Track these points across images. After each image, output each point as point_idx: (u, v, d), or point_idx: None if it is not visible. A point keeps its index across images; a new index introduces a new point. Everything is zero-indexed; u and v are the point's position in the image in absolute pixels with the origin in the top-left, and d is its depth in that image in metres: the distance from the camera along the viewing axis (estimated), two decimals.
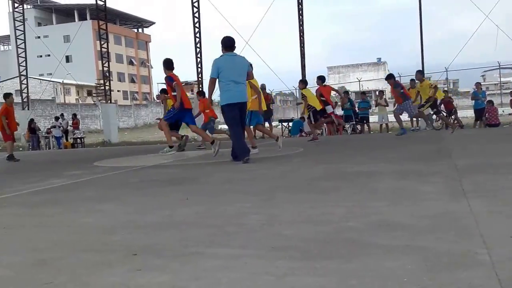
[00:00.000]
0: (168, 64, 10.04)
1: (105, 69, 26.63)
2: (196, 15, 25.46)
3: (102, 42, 25.77)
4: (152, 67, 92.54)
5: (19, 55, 27.18)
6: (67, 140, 25.15)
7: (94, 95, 64.21)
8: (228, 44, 7.80)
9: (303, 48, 27.48)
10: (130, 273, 2.35)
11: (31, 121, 25.17)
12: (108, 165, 9.15)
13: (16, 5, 27.31)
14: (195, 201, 4.39)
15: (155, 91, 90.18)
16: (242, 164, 7.43)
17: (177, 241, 2.93)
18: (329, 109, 13.19)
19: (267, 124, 16.78)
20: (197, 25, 25.42)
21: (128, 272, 2.36)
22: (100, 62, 29.00)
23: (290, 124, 21.86)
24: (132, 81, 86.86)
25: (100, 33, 25.82)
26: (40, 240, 3.21)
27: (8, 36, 76.40)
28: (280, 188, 4.95)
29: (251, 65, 8.77)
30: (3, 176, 8.66)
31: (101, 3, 25.59)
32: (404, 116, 15.08)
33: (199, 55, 25.54)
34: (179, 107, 9.61)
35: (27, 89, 28.06)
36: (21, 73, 27.53)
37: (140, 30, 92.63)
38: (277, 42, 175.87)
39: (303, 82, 13.64)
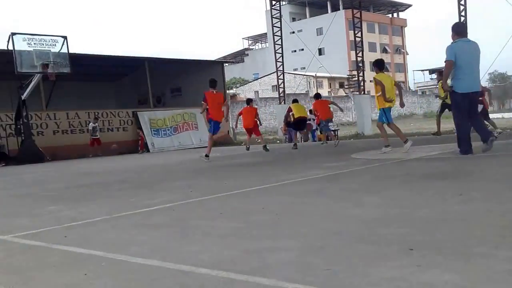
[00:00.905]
0: (210, 83, 12.07)
1: (359, 59, 26.98)
2: None
3: (356, 32, 26.14)
4: (407, 54, 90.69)
5: (276, 51, 29.29)
6: (321, 132, 26.35)
7: (346, 86, 66.00)
8: (460, 29, 7.94)
9: None
10: (409, 268, 2.33)
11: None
12: (366, 158, 9.29)
13: (273, 2, 29.50)
14: (471, 197, 4.15)
15: (411, 79, 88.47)
16: None
17: (457, 239, 2.81)
18: None
19: None
20: (462, 2, 23.57)
21: (406, 267, 2.34)
22: (352, 52, 29.58)
23: None
24: (386, 69, 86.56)
25: (354, 22, 26.24)
26: (312, 228, 3.43)
27: (265, 34, 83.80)
28: None
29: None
30: (267, 167, 9.51)
31: None
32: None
33: None
34: (210, 119, 11.61)
35: (283, 84, 30.12)
36: (278, 69, 29.63)
37: (395, 14, 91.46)
38: None
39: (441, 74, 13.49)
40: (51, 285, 2.57)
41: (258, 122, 15.29)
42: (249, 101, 15.92)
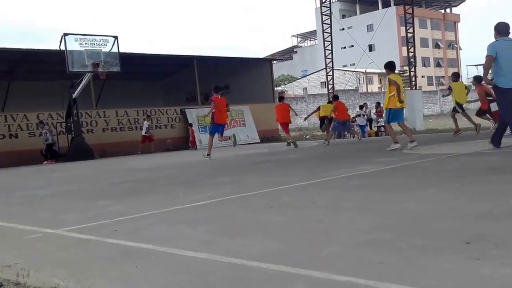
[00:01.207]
0: (215, 88, 13.08)
1: (410, 54, 26.49)
2: None
3: (408, 27, 25.69)
4: (460, 49, 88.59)
5: (326, 48, 29.11)
6: (371, 128, 26.03)
7: None
8: (502, 29, 8.18)
9: None
10: (467, 261, 2.26)
11: None
12: (419, 153, 9.09)
13: (323, 0, 29.33)
14: None
15: (464, 74, 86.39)
16: None
17: None
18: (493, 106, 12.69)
19: None
20: None
21: (464, 260, 2.27)
22: (404, 48, 29.07)
23: None
24: (438, 65, 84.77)
25: (406, 18, 25.80)
26: (362, 221, 3.37)
27: (314, 31, 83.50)
28: None
29: None
30: (316, 162, 9.44)
31: None
32: None
33: None
34: (213, 122, 12.95)
35: (333, 81, 29.91)
36: (327, 65, 29.46)
37: (447, 10, 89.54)
38: None
39: (455, 76, 14.58)
40: (103, 277, 2.60)
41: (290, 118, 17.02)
42: (280, 98, 17.87)
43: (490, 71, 8.13)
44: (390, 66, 10.72)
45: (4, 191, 8.71)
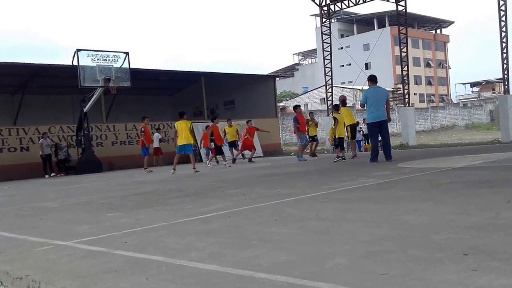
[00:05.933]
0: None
1: (404, 73, 26.58)
2: (503, 8, 23.25)
3: (402, 47, 25.81)
4: (450, 68, 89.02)
5: (326, 66, 29.18)
6: (367, 143, 26.05)
7: (390, 99, 64.85)
8: (372, 79, 11.26)
9: None
10: (465, 272, 2.25)
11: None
12: (413, 167, 9.08)
13: (324, 20, 29.44)
14: None
15: (453, 92, 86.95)
16: None
17: (509, 243, 2.71)
18: None
19: None
20: (503, 18, 23.16)
21: (462, 272, 2.27)
22: (397, 66, 29.17)
23: None
24: (429, 83, 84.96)
25: (400, 38, 25.92)
26: (364, 233, 3.36)
27: (315, 50, 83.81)
28: None
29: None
30: (317, 176, 9.42)
31: (401, 8, 25.69)
32: None
33: (504, 51, 23.26)
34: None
35: (332, 97, 29.93)
36: (327, 82, 29.50)
37: (438, 31, 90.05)
38: None
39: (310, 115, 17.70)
40: None
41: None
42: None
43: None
44: (180, 114, 14.34)
45: (15, 203, 8.63)
